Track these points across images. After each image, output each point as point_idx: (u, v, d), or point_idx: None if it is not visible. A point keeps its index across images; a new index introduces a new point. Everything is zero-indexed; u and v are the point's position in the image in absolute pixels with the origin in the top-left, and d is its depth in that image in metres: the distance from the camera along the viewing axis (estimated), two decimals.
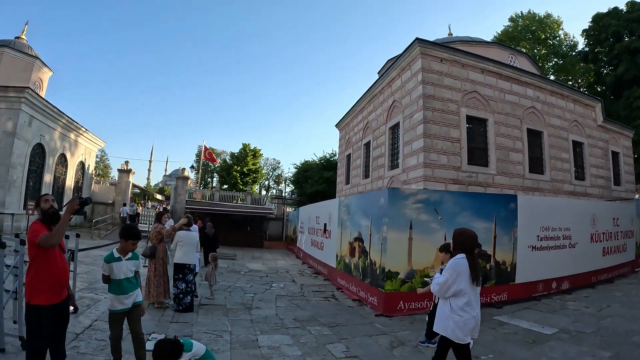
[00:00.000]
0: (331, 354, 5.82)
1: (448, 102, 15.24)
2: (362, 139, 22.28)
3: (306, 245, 17.69)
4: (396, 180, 16.59)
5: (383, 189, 9.77)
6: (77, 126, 25.82)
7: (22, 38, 28.12)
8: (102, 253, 14.46)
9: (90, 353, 5.32)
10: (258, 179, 54.84)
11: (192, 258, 8.39)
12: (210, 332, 6.71)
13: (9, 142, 18.94)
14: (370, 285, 9.14)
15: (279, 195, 33.47)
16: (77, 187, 27.68)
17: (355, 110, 23.99)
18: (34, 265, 3.89)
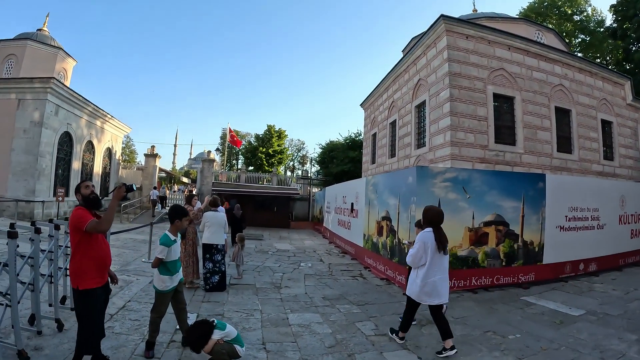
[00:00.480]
0: (361, 332, 5.83)
1: (474, 80, 14.96)
2: (387, 118, 22.06)
3: (333, 225, 17.67)
4: (423, 159, 16.43)
5: (411, 167, 9.68)
6: (103, 113, 26.17)
7: (44, 30, 28.69)
8: (132, 237, 15.13)
9: (125, 333, 5.42)
10: (283, 160, 55.11)
11: (219, 238, 8.41)
12: (241, 310, 6.77)
13: (37, 132, 19.35)
14: (398, 264, 9.07)
15: (304, 176, 33.27)
16: (105, 173, 28.19)
17: (380, 89, 23.72)
18: (79, 251, 3.99)
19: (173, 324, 5.80)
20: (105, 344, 4.81)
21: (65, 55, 28.75)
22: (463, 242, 8.58)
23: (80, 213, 4.01)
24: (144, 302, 6.97)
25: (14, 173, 19.09)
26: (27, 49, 26.46)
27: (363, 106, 28.07)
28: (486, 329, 5.98)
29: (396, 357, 4.96)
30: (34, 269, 4.91)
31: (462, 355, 4.95)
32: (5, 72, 26.15)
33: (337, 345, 5.30)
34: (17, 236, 4.37)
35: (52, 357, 4.44)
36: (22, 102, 19.64)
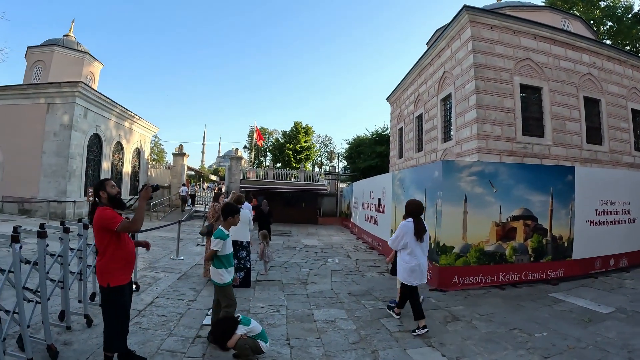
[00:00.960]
0: (385, 328, 5.79)
1: (500, 71, 14.69)
2: (413, 112, 21.91)
3: (360, 220, 17.55)
4: (450, 153, 16.26)
5: (437, 162, 9.54)
6: (131, 114, 26.56)
7: (70, 35, 29.52)
8: (160, 234, 15.42)
9: (152, 328, 5.49)
10: (311, 156, 55.27)
11: (243, 235, 8.34)
12: (267, 306, 6.81)
13: (66, 135, 19.78)
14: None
15: (332, 171, 33.18)
16: (134, 173, 28.66)
17: (405, 83, 23.56)
18: (109, 249, 4.06)
19: (199, 319, 5.93)
20: (132, 339, 4.91)
21: (92, 59, 29.49)
22: (490, 237, 8.41)
23: (110, 213, 4.08)
24: (172, 298, 7.09)
25: (45, 175, 19.60)
26: (54, 55, 27.26)
27: (389, 100, 27.89)
28: (512, 326, 5.85)
29: (420, 354, 4.90)
30: (64, 267, 5.08)
31: (486, 354, 4.86)
32: (34, 78, 26.97)
33: (361, 341, 5.27)
34: (47, 236, 4.49)
35: (81, 352, 4.55)
36: (52, 106, 20.13)
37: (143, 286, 7.74)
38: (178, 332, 5.37)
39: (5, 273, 4.02)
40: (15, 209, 19.79)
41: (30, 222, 15.73)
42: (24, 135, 20.13)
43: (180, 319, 5.92)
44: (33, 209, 19.56)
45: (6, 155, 20.47)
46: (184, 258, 11.00)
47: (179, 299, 7.07)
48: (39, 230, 4.47)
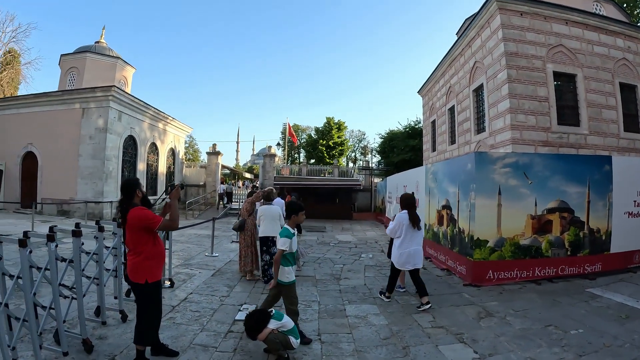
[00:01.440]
0: (417, 324, 5.71)
1: (532, 59, 14.31)
2: (445, 104, 21.61)
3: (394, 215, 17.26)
4: (483, 144, 15.98)
5: (470, 154, 9.34)
6: (165, 116, 26.99)
7: (101, 42, 30.37)
8: (196, 232, 15.66)
9: (185, 323, 5.58)
10: (344, 151, 55.28)
11: (274, 230, 8.24)
12: (300, 302, 6.74)
13: (102, 138, 20.30)
14: (458, 254, 8.81)
15: (365, 166, 32.96)
16: (169, 172, 29.07)
17: (436, 74, 23.25)
18: (147, 247, 4.19)
19: (232, 315, 6.00)
20: (166, 333, 5.02)
21: (124, 64, 30.28)
22: (525, 231, 8.19)
23: (150, 213, 4.20)
24: (205, 294, 7.19)
25: (82, 177, 20.18)
26: (87, 61, 28.11)
27: (421, 93, 27.59)
28: (547, 322, 5.68)
29: (452, 350, 4.81)
30: (99, 264, 5.22)
31: (519, 351, 4.74)
32: (69, 84, 27.84)
33: (393, 337, 5.22)
34: (81, 234, 4.65)
35: (115, 346, 4.67)
36: (87, 111, 20.70)
37: (177, 283, 7.87)
38: (210, 327, 5.45)
39: (42, 270, 4.16)
40: (55, 211, 20.44)
41: (69, 222, 16.21)
42: (61, 140, 20.77)
43: (213, 315, 6.01)
44: (71, 210, 20.21)
45: (44, 160, 21.19)
46: (219, 255, 11.16)
47: (212, 295, 7.17)
48: (74, 229, 4.63)
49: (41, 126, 21.31)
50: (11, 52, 38.75)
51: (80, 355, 4.37)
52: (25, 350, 4.28)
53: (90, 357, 4.37)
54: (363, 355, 4.66)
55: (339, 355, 4.68)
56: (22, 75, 39.85)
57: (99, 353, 4.47)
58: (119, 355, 4.45)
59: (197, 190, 29.74)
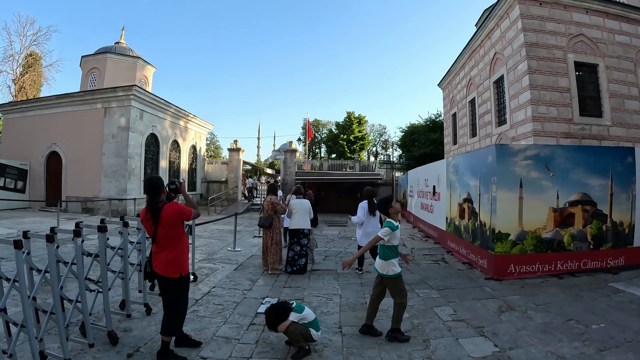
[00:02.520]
0: (438, 317, 5.73)
1: (553, 49, 14.03)
2: (466, 97, 21.32)
3: (416, 208, 17.34)
4: (505, 137, 15.75)
5: (490, 146, 9.26)
6: (186, 113, 27.18)
7: (121, 42, 30.88)
8: (218, 227, 15.91)
9: (208, 316, 5.70)
10: (365, 145, 55.09)
11: (305, 223, 8.89)
12: (321, 295, 6.90)
13: (124, 136, 20.58)
14: (480, 248, 8.76)
15: (387, 160, 32.83)
16: (191, 169, 29.30)
17: (456, 67, 22.96)
18: (182, 240, 4.37)
19: (254, 308, 6.09)
20: (189, 326, 5.12)
21: (145, 64, 30.73)
22: (547, 224, 8.10)
23: (182, 206, 4.35)
24: (228, 287, 7.32)
25: (106, 175, 20.50)
26: (107, 62, 28.57)
27: (441, 86, 27.27)
28: (569, 317, 5.63)
29: (472, 343, 4.81)
30: (124, 258, 5.35)
31: (540, 344, 4.71)
32: (90, 85, 28.30)
33: (413, 330, 5.24)
34: (107, 230, 4.79)
35: (140, 338, 4.81)
36: (109, 110, 21.00)
37: (201, 277, 8.03)
38: (233, 320, 5.55)
39: (69, 265, 4.29)
40: (79, 208, 20.90)
41: (93, 219, 16.56)
42: (84, 139, 21.11)
43: (235, 308, 6.11)
44: (95, 208, 20.61)
45: (68, 159, 21.58)
46: (241, 249, 11.31)
47: (235, 288, 7.29)
48: (99, 225, 4.78)
49: (64, 126, 21.70)
50: (32, 55, 39.70)
51: (106, 347, 4.50)
52: (52, 342, 4.42)
53: (115, 348, 4.49)
54: (383, 348, 4.69)
55: (359, 347, 4.72)
56: (44, 78, 40.77)
57: (123, 345, 4.59)
58: (143, 346, 4.58)
59: (219, 187, 30.03)
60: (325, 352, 4.57)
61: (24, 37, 38.29)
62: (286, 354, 4.49)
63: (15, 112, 24.05)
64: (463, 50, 20.79)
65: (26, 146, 22.65)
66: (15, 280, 3.56)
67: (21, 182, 22.08)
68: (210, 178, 31.27)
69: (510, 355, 4.45)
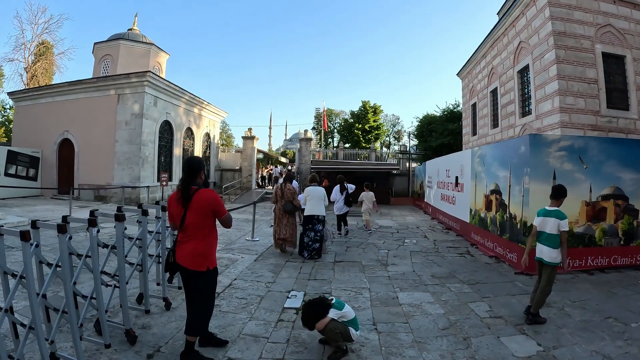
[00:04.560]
0: (475, 313, 5.45)
1: (581, 39, 13.57)
2: (487, 86, 20.79)
3: (435, 200, 16.99)
4: (529, 128, 15.27)
5: (524, 135, 8.95)
6: (200, 100, 26.99)
7: (134, 29, 30.72)
8: (234, 216, 15.11)
9: (232, 311, 5.43)
10: (380, 135, 54.66)
11: (319, 210, 9.09)
12: (349, 289, 6.62)
13: (138, 123, 20.41)
14: (509, 241, 8.48)
15: (403, 150, 32.41)
16: (205, 157, 29.03)
17: (477, 56, 22.41)
18: (212, 231, 4.03)
19: (280, 302, 5.83)
20: (213, 322, 4.82)
21: (158, 50, 30.51)
22: (579, 218, 7.82)
23: (220, 199, 4.01)
24: (250, 280, 7.05)
25: (118, 162, 20.37)
26: (120, 48, 28.43)
27: (460, 75, 26.68)
28: (606, 314, 5.40)
29: (514, 342, 4.56)
30: (142, 249, 5.00)
31: (584, 343, 4.50)
32: (103, 72, 28.12)
33: (451, 327, 4.97)
34: (125, 219, 4.44)
35: (160, 336, 4.50)
36: (122, 97, 20.82)
37: (221, 268, 7.71)
38: (259, 316, 5.27)
39: (83, 258, 3.95)
40: (92, 196, 20.76)
41: (106, 207, 16.40)
42: (97, 126, 20.96)
43: (260, 302, 5.84)
44: (108, 195, 20.48)
45: (81, 146, 21.43)
46: (259, 239, 11.13)
47: (257, 280, 7.03)
48: (116, 213, 4.42)
49: (77, 113, 21.52)
50: (44, 43, 39.89)
51: (123, 347, 4.18)
52: (64, 341, 4.13)
53: (134, 348, 4.18)
54: (424, 347, 4.43)
55: (398, 346, 4.44)
56: (56, 66, 40.95)
57: (142, 344, 4.28)
58: (164, 345, 4.29)
59: (233, 175, 29.94)
60: (363, 352, 4.28)
61: (35, 26, 38.40)
62: (322, 355, 4.21)
63: (27, 100, 23.90)
64: (485, 39, 20.28)
65: (38, 133, 22.52)
66: (22, 277, 3.26)
67: (33, 169, 22.01)
68: (224, 166, 31.15)
69: (556, 355, 4.23)
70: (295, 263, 8.43)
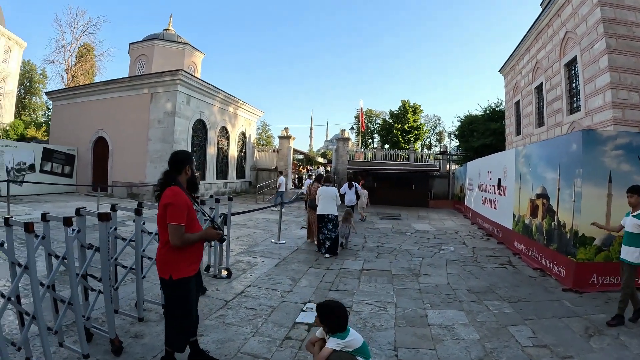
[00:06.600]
0: (515, 340, 4.60)
1: (632, 26, 12.43)
2: (531, 82, 19.61)
3: (476, 203, 16.03)
4: (578, 126, 14.17)
5: (575, 132, 7.96)
6: (235, 100, 26.93)
7: (169, 29, 31.43)
8: (265, 216, 15.46)
9: (237, 324, 4.87)
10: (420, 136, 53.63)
11: (330, 209, 9.36)
12: (373, 302, 5.87)
13: (170, 121, 20.43)
14: (556, 252, 7.53)
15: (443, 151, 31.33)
16: (240, 156, 29.17)
17: (520, 50, 21.27)
18: None
19: (292, 316, 5.22)
20: (212, 335, 4.42)
21: (193, 50, 30.97)
22: None
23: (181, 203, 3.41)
24: (265, 287, 6.50)
25: (151, 160, 20.40)
26: (155, 48, 29.07)
27: (502, 72, 25.58)
28: None
29: None
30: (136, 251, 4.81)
31: None
32: (139, 71, 28.80)
33: (486, 357, 4.17)
34: (142, 213, 4.65)
35: (150, 348, 4.09)
36: (155, 96, 20.94)
37: (236, 273, 7.28)
38: (265, 331, 4.68)
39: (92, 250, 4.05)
40: (125, 193, 20.93)
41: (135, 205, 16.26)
42: (130, 125, 21.17)
43: (270, 314, 5.25)
44: (141, 193, 20.49)
45: (115, 144, 21.72)
46: (285, 242, 10.60)
47: (273, 288, 6.45)
48: (136, 207, 4.65)
49: (111, 112, 21.84)
50: (85, 45, 41.86)
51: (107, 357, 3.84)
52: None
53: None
54: None
55: None
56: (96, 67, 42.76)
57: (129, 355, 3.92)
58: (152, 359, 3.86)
59: (269, 175, 29.76)
60: None
61: (74, 28, 40.28)
62: None
63: (63, 99, 24.55)
64: (528, 31, 19.16)
65: (74, 132, 23.00)
66: (26, 267, 3.29)
67: (68, 167, 22.51)
68: (259, 166, 31.11)
69: None
70: (319, 270, 7.82)
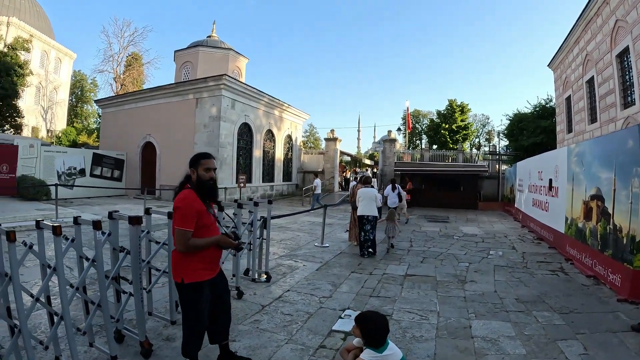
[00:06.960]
0: (565, 357, 4.17)
1: None
2: (582, 76, 18.57)
3: (526, 205, 15.34)
4: (633, 121, 13.19)
5: (631, 127, 7.32)
6: (280, 103, 27.24)
7: (213, 36, 32.20)
8: (310, 219, 15.46)
9: (271, 329, 4.76)
10: (468, 135, 52.38)
11: (370, 210, 9.42)
12: (414, 311, 5.58)
13: (215, 125, 20.92)
14: (611, 259, 6.93)
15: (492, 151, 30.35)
16: (287, 159, 29.55)
17: (569, 42, 20.19)
18: None
19: (329, 323, 5.05)
20: (244, 341, 4.33)
21: (237, 55, 31.54)
22: None
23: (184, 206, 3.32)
24: (304, 292, 6.37)
25: None
26: (199, 55, 29.76)
27: (551, 66, 24.50)
28: None
29: None
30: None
31: None
32: (184, 77, 29.57)
33: None
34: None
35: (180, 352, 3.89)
36: (200, 101, 21.52)
37: (276, 277, 7.21)
38: (299, 338, 4.53)
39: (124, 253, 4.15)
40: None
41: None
42: (177, 129, 21.86)
43: (307, 321, 5.11)
44: None
45: (162, 149, 22.52)
46: (329, 245, 10.51)
47: (312, 294, 6.31)
48: (169, 212, 4.41)
49: (158, 117, 22.71)
50: (132, 55, 44.00)
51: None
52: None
53: None
54: None
55: None
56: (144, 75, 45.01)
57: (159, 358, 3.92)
58: None
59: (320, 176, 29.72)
60: None
61: (121, 39, 42.50)
62: None
63: (111, 107, 25.92)
64: (576, 22, 18.18)
65: (123, 137, 24.08)
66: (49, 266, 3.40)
67: (118, 170, 23.56)
68: (306, 168, 31.44)
69: None
70: (361, 275, 7.61)
